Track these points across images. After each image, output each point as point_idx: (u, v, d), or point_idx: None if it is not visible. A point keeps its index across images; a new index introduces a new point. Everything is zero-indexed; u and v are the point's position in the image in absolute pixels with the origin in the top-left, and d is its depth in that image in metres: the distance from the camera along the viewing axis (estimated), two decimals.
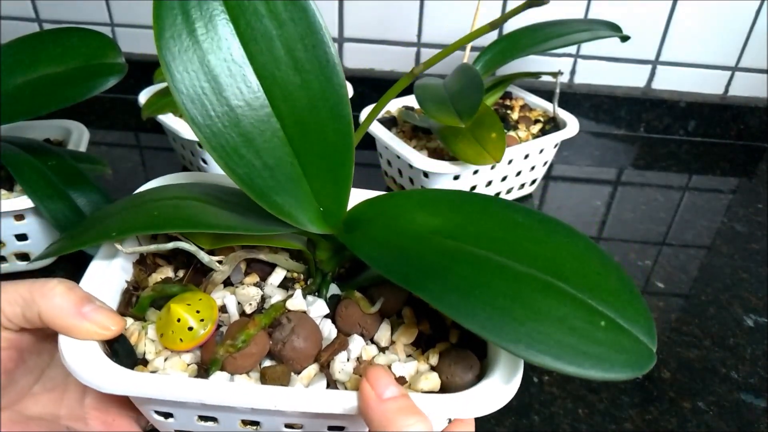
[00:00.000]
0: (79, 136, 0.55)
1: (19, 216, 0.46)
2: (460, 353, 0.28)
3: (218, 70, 0.27)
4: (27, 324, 0.27)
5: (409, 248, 0.26)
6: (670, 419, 0.41)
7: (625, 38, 0.61)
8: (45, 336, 0.30)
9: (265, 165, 0.28)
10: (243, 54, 0.28)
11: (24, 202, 0.45)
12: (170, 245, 0.30)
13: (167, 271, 0.33)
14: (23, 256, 0.49)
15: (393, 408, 0.23)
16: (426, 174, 0.55)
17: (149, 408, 0.28)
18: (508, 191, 0.63)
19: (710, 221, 0.64)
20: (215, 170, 0.59)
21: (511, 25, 0.75)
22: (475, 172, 0.55)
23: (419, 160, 0.53)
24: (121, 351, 0.27)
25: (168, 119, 0.57)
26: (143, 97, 0.60)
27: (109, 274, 0.30)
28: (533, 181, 0.65)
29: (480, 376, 0.28)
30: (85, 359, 0.25)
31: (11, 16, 0.79)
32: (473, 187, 0.57)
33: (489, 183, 0.58)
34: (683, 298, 0.53)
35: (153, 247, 0.31)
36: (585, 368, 0.22)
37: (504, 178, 0.60)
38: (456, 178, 0.55)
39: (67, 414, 0.30)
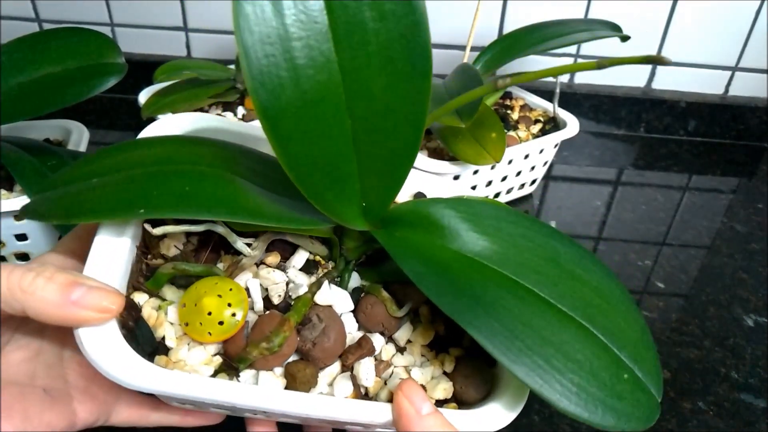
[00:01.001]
0: (79, 136, 0.55)
1: (19, 216, 0.46)
2: (476, 366, 0.28)
3: (301, 60, 0.24)
4: (17, 314, 0.24)
5: (454, 269, 0.26)
6: (669, 419, 0.41)
7: (625, 38, 0.61)
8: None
9: (325, 161, 0.26)
10: (331, 42, 0.24)
11: (24, 201, 0.45)
12: (203, 227, 0.28)
13: (180, 236, 0.30)
14: (23, 256, 0.49)
15: (432, 424, 0.24)
16: None
17: (171, 400, 0.27)
18: (508, 191, 0.63)
19: (710, 221, 0.64)
20: None
21: (511, 26, 0.76)
22: (475, 172, 0.55)
23: (419, 160, 0.53)
24: (141, 336, 0.25)
25: None
26: (143, 97, 0.60)
27: (119, 245, 0.27)
28: (533, 181, 0.64)
29: (491, 388, 0.28)
30: (109, 354, 0.23)
31: (11, 16, 0.79)
32: (473, 187, 0.57)
33: (489, 183, 0.58)
34: (683, 298, 0.53)
35: (184, 228, 0.28)
36: (607, 420, 0.23)
37: (504, 178, 0.60)
38: (456, 178, 0.55)
39: (44, 374, 0.27)
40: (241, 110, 0.64)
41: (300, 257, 0.31)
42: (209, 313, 0.25)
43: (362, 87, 0.25)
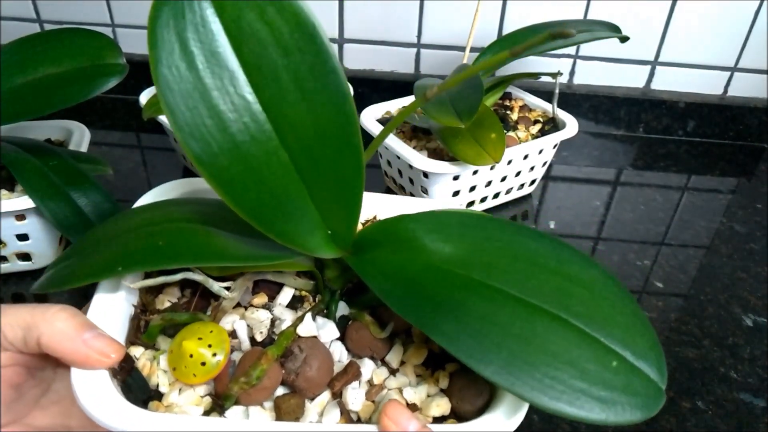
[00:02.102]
0: (80, 137, 0.55)
1: (20, 216, 0.47)
2: (470, 378, 0.28)
3: (222, 106, 0.25)
4: (25, 348, 0.27)
5: (420, 280, 0.26)
6: (669, 419, 0.41)
7: (624, 39, 0.61)
8: (46, 355, 0.29)
9: (272, 195, 0.27)
10: (248, 86, 0.26)
11: (25, 202, 0.45)
12: (179, 276, 0.30)
13: (174, 291, 0.32)
14: (24, 256, 0.49)
15: None
16: (426, 174, 0.55)
17: None
18: (508, 191, 0.63)
19: (709, 221, 0.64)
20: None
21: (511, 26, 0.76)
22: (475, 172, 0.56)
23: (419, 160, 0.53)
24: (134, 385, 0.27)
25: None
26: (144, 97, 0.60)
27: (115, 303, 0.29)
28: (533, 182, 0.65)
29: (489, 399, 0.28)
30: (98, 398, 0.25)
31: (12, 17, 0.80)
32: (473, 188, 0.57)
33: (488, 183, 0.59)
34: (682, 297, 0.53)
35: (161, 279, 0.30)
36: (597, 413, 0.22)
37: (503, 179, 0.60)
38: (456, 178, 0.55)
39: (78, 424, 0.30)
40: None
41: (285, 295, 0.32)
42: (191, 356, 0.27)
43: (287, 120, 0.26)
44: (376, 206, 0.39)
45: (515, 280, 0.25)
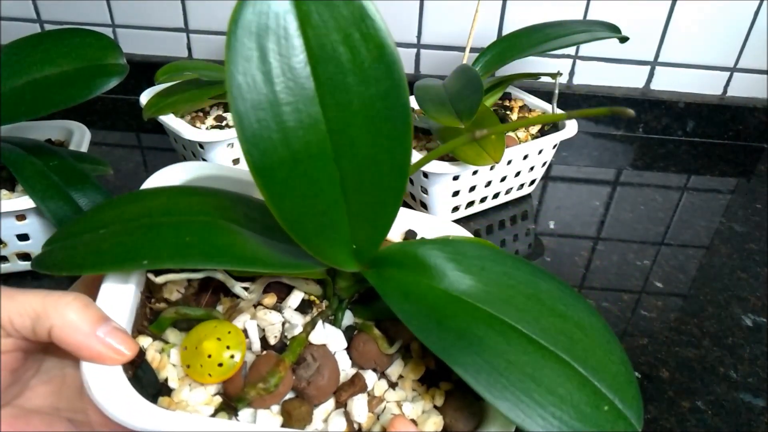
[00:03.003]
0: (80, 137, 0.55)
1: (20, 216, 0.47)
2: (465, 399, 0.29)
3: (290, 122, 0.25)
4: (33, 337, 0.26)
5: (441, 309, 0.27)
6: (668, 418, 0.41)
7: (623, 39, 0.62)
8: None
9: (315, 211, 0.27)
10: (318, 105, 0.26)
11: (25, 202, 0.45)
12: (202, 274, 0.30)
13: (181, 281, 0.32)
14: (25, 256, 0.50)
15: None
16: (426, 174, 0.55)
17: None
18: (507, 191, 0.63)
19: (709, 221, 0.64)
20: None
21: (511, 27, 0.76)
22: (475, 172, 0.56)
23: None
24: (144, 379, 0.27)
25: (169, 120, 0.57)
26: (144, 97, 0.60)
27: (125, 292, 0.28)
28: (532, 182, 0.65)
29: (480, 421, 0.29)
30: (111, 393, 0.24)
31: (12, 17, 0.80)
32: (473, 188, 0.58)
33: (488, 183, 0.59)
34: (682, 297, 0.53)
35: (185, 275, 0.30)
36: None
37: (503, 179, 0.60)
38: (455, 178, 0.55)
39: (67, 406, 0.29)
40: None
41: (295, 298, 0.32)
42: (209, 356, 0.27)
43: (348, 143, 0.27)
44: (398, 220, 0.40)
45: (528, 320, 0.27)
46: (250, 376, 0.27)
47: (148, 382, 0.27)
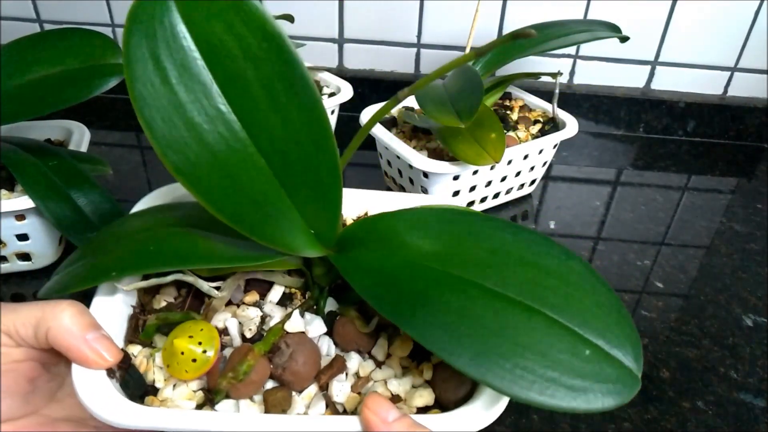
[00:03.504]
0: (80, 137, 0.55)
1: (20, 216, 0.47)
2: (452, 369, 0.28)
3: (197, 118, 0.26)
4: (36, 344, 0.28)
5: (397, 277, 0.27)
6: (669, 419, 0.41)
7: (624, 39, 0.61)
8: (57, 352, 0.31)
9: (252, 201, 0.28)
10: (221, 96, 0.27)
11: (25, 202, 0.45)
12: (170, 278, 0.31)
13: (171, 291, 0.33)
14: (24, 256, 0.49)
15: (399, 426, 0.25)
16: (426, 174, 0.55)
17: None
18: (508, 191, 0.63)
19: (709, 221, 0.64)
20: None
21: (511, 26, 0.76)
22: (475, 172, 0.56)
23: (419, 160, 0.53)
24: (131, 381, 0.28)
25: None
26: None
27: (113, 304, 0.31)
28: (532, 182, 0.65)
29: (472, 389, 0.28)
30: (96, 394, 0.26)
31: (12, 17, 0.80)
32: (473, 188, 0.57)
33: (488, 183, 0.59)
34: (682, 297, 0.53)
35: (153, 281, 0.31)
36: (568, 402, 0.22)
37: (503, 179, 0.60)
38: (456, 178, 0.55)
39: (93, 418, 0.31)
40: None
41: (275, 292, 0.33)
42: (182, 353, 0.28)
43: (261, 127, 0.27)
44: (368, 203, 0.40)
45: (491, 274, 0.26)
46: (225, 368, 0.28)
47: (135, 385, 0.28)
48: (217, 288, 0.32)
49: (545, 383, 0.22)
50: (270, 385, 0.29)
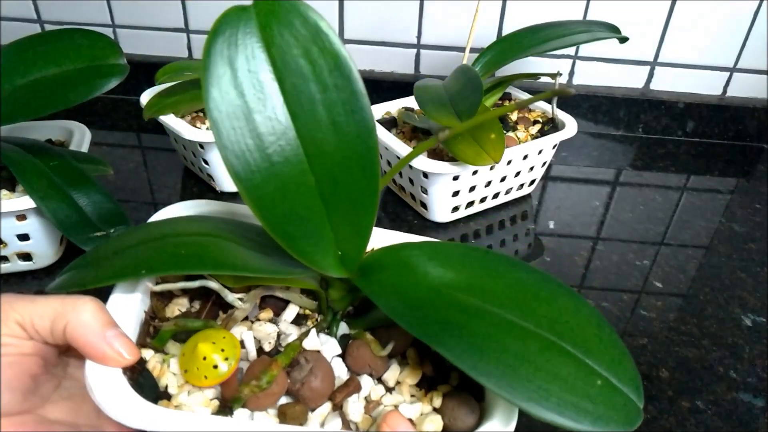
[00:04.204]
0: (80, 137, 0.55)
1: (21, 216, 0.47)
2: (462, 397, 0.29)
3: (263, 129, 0.28)
4: (50, 338, 0.28)
5: (424, 300, 0.28)
6: (668, 418, 0.41)
7: (623, 39, 0.62)
8: (63, 348, 0.31)
9: (296, 214, 0.29)
10: (287, 114, 0.29)
11: (26, 202, 0.45)
12: (197, 283, 0.31)
13: (183, 302, 0.33)
14: (25, 256, 0.50)
15: None
16: (425, 174, 0.55)
17: None
18: (507, 192, 0.63)
19: (708, 221, 0.64)
20: (216, 171, 0.60)
21: (511, 27, 0.76)
22: (474, 172, 0.56)
23: (419, 160, 0.53)
24: (144, 384, 0.28)
25: (169, 120, 0.57)
26: (145, 98, 0.60)
27: (130, 305, 0.31)
28: (532, 182, 0.65)
29: (479, 419, 0.29)
30: (111, 393, 0.26)
31: (12, 17, 0.80)
32: (472, 188, 0.58)
33: (488, 183, 0.59)
34: (681, 297, 0.53)
35: (181, 285, 0.31)
36: (584, 425, 0.24)
37: (503, 179, 0.60)
38: (455, 178, 0.55)
39: (86, 423, 0.30)
40: None
41: (291, 311, 0.34)
42: (204, 358, 0.28)
43: (317, 147, 0.29)
44: (373, 239, 0.40)
45: (511, 306, 0.28)
46: (244, 377, 0.28)
47: (148, 388, 0.28)
48: (240, 299, 0.32)
49: (565, 406, 0.24)
50: (283, 400, 0.29)
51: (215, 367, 0.28)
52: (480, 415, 0.29)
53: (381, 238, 0.38)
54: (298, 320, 0.34)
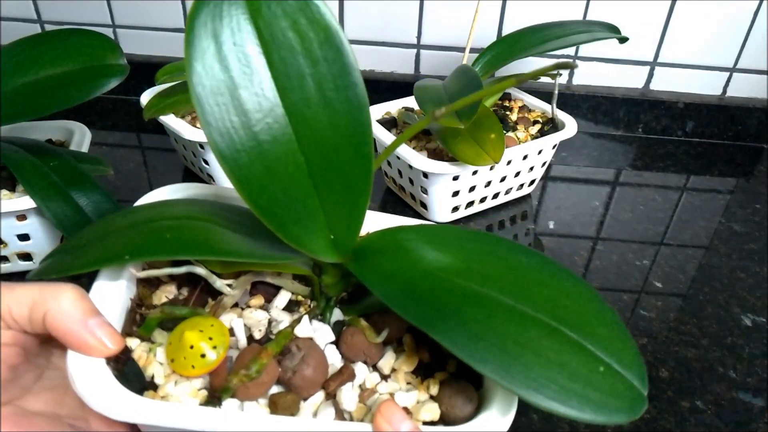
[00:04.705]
0: (81, 137, 0.55)
1: (21, 216, 0.47)
2: (460, 385, 0.29)
3: (249, 105, 0.27)
4: (29, 327, 0.27)
5: (420, 285, 0.27)
6: (668, 418, 0.41)
7: (623, 39, 0.62)
8: (45, 338, 0.29)
9: (285, 195, 0.28)
10: (274, 89, 0.27)
11: (26, 202, 0.45)
12: (183, 269, 0.30)
13: (171, 289, 0.32)
14: (25, 256, 0.50)
15: None
16: (425, 174, 0.55)
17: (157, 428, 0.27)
18: (507, 192, 0.63)
19: (708, 221, 0.64)
20: (217, 172, 0.60)
21: (511, 27, 0.76)
22: (474, 172, 0.56)
23: (419, 160, 0.53)
24: (130, 374, 0.27)
25: (169, 120, 0.57)
26: (145, 98, 0.60)
27: (114, 293, 0.29)
28: (532, 182, 0.65)
29: (477, 407, 0.28)
30: (95, 384, 0.25)
31: (13, 17, 0.80)
32: (472, 188, 0.58)
33: (488, 183, 0.59)
34: (681, 297, 0.53)
35: (167, 270, 0.30)
36: (586, 413, 0.23)
37: (503, 179, 0.60)
38: (455, 178, 0.55)
39: (68, 414, 0.29)
40: None
41: (282, 298, 0.33)
42: (191, 347, 0.27)
43: (307, 125, 0.28)
44: (368, 223, 0.40)
45: (510, 290, 0.27)
46: (234, 366, 0.27)
47: (133, 379, 0.27)
48: (229, 286, 0.31)
49: (567, 394, 0.23)
50: (275, 390, 0.28)
51: (203, 356, 0.27)
52: (478, 403, 0.28)
53: (375, 221, 0.37)
54: (290, 307, 0.33)
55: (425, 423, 0.28)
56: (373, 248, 0.30)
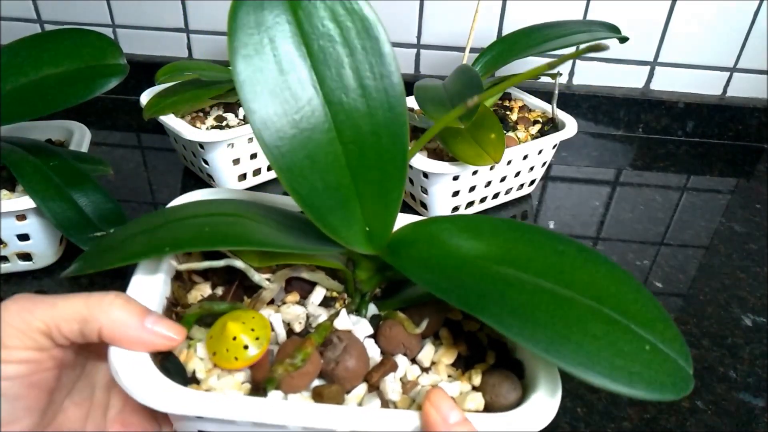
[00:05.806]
0: (80, 137, 0.55)
1: (20, 216, 0.47)
2: (503, 374, 0.29)
3: (289, 93, 0.27)
4: (82, 340, 0.26)
5: (459, 272, 0.27)
6: (668, 418, 0.41)
7: (623, 39, 0.62)
8: (79, 349, 0.29)
9: (325, 185, 0.28)
10: (313, 78, 0.28)
11: (26, 202, 0.45)
12: (222, 262, 0.30)
13: (205, 288, 0.32)
14: (25, 256, 0.50)
15: (460, 429, 0.24)
16: (426, 174, 0.55)
17: (195, 426, 0.27)
18: (507, 192, 0.63)
19: (708, 221, 0.64)
20: (216, 171, 0.60)
21: (511, 27, 0.76)
22: (474, 172, 0.56)
23: (419, 160, 0.53)
24: (172, 369, 0.27)
25: (169, 120, 0.57)
26: (145, 97, 0.60)
27: (152, 290, 0.29)
28: (532, 182, 0.65)
29: (523, 393, 0.28)
30: (142, 379, 0.25)
31: (12, 17, 0.80)
32: (472, 188, 0.58)
33: (488, 183, 0.59)
34: (681, 297, 0.53)
35: (206, 264, 0.30)
36: (638, 390, 0.23)
37: (503, 179, 0.60)
38: (455, 178, 0.55)
39: (92, 428, 0.29)
40: (242, 111, 0.64)
41: (318, 294, 0.33)
42: (234, 338, 0.27)
43: (345, 114, 0.28)
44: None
45: (549, 274, 0.27)
46: (277, 358, 0.27)
47: (175, 373, 0.27)
48: (267, 280, 0.31)
49: (616, 370, 0.23)
50: (317, 382, 0.28)
51: (246, 347, 0.27)
52: (522, 389, 0.28)
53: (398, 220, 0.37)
54: (326, 303, 0.33)
55: (469, 413, 0.28)
56: (407, 240, 0.30)
